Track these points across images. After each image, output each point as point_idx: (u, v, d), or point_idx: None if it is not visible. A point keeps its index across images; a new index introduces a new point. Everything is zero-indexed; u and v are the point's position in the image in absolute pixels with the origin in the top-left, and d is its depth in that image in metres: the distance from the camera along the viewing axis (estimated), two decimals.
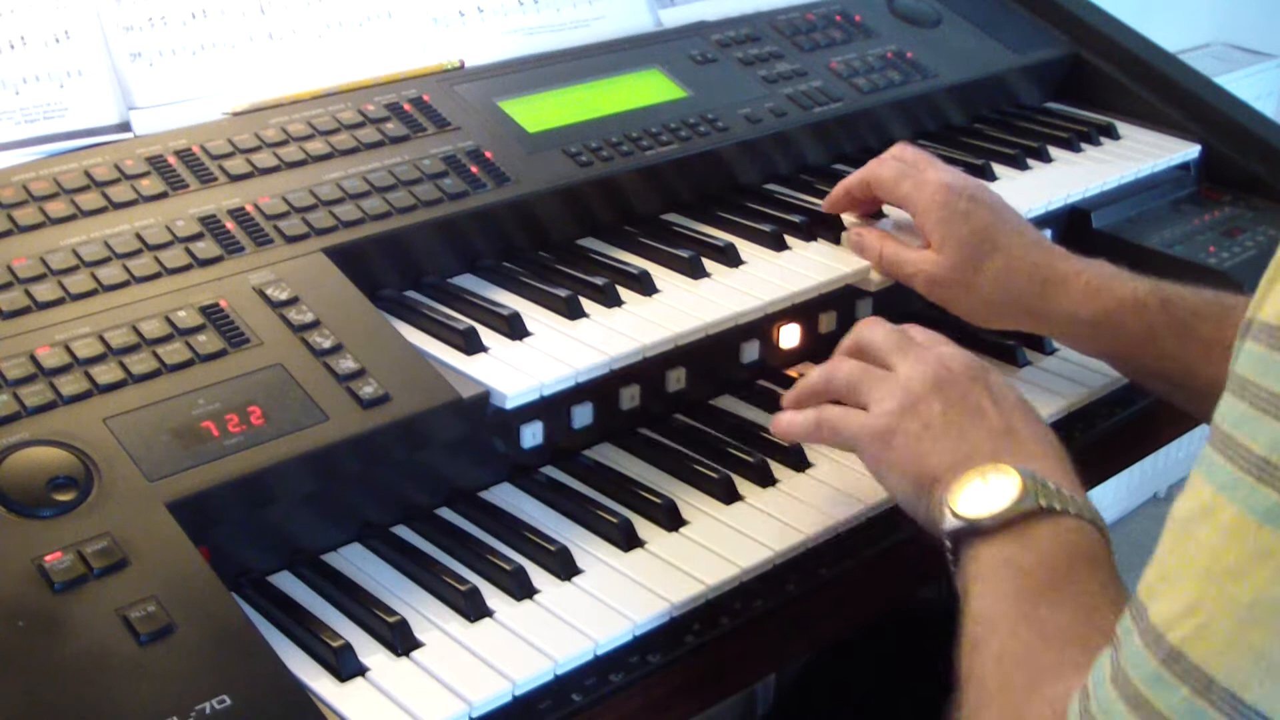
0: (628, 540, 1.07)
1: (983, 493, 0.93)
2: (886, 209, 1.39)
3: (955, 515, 0.93)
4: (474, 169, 1.30)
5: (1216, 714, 0.65)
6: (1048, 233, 1.53)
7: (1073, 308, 1.22)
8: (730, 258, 1.31)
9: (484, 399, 1.09)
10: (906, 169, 1.32)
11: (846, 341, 1.14)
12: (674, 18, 1.62)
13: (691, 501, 1.13)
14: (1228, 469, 0.66)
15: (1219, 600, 0.65)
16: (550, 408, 1.15)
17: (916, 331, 1.12)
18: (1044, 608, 0.86)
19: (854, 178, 1.36)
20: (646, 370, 1.21)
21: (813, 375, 1.13)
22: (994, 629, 0.87)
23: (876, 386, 1.06)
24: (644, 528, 1.09)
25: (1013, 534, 0.91)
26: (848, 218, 1.40)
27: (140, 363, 1.02)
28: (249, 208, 1.19)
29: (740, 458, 1.18)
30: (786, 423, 1.11)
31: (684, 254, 1.30)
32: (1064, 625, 0.85)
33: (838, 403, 1.10)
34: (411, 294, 1.24)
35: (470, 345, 1.15)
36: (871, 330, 1.12)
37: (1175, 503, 0.70)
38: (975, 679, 0.86)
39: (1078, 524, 0.91)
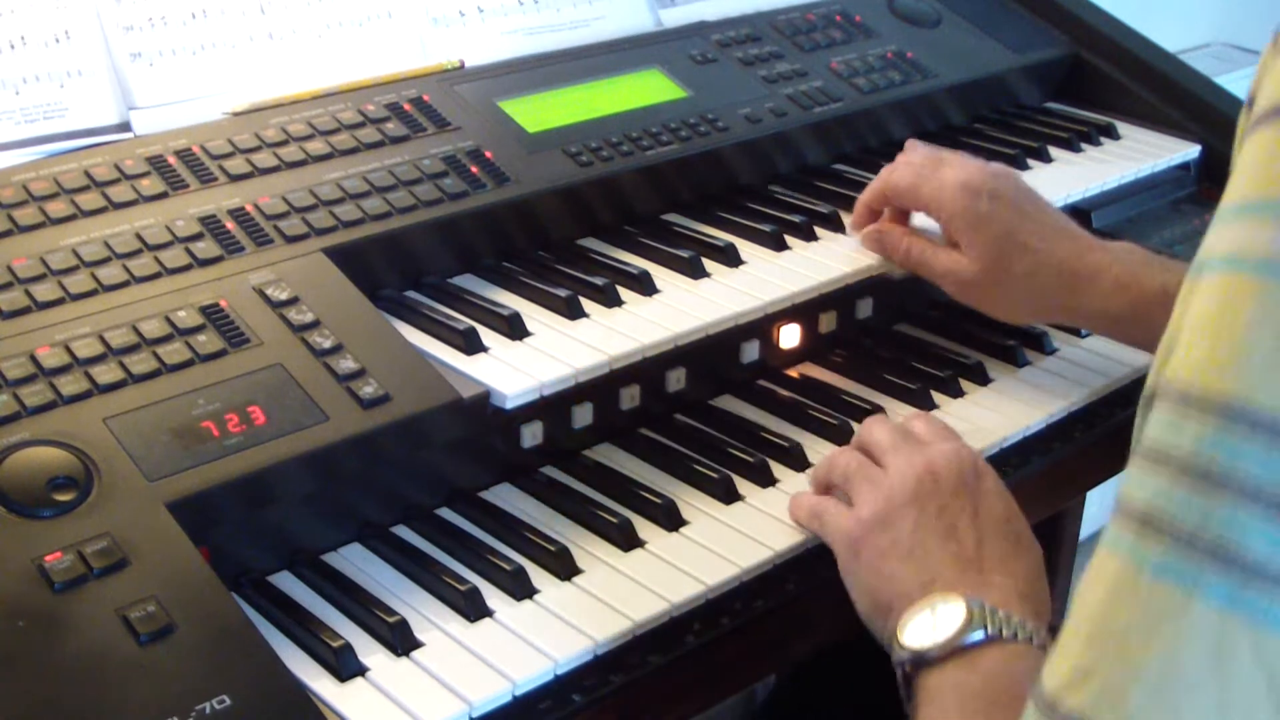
0: (628, 540, 1.07)
1: (929, 624, 0.94)
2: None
3: (902, 646, 0.94)
4: (474, 169, 1.30)
5: None
6: None
7: (1103, 304, 1.22)
8: (730, 258, 1.31)
9: (484, 399, 1.09)
10: (921, 172, 1.30)
11: (856, 435, 1.15)
12: (674, 18, 1.62)
13: (691, 501, 1.13)
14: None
15: (1114, 661, 0.62)
16: (550, 408, 1.15)
17: (920, 426, 1.12)
18: None
19: (870, 192, 1.35)
20: (646, 370, 1.21)
21: (822, 461, 1.13)
22: None
23: (863, 485, 1.05)
24: (644, 528, 1.09)
25: (960, 661, 0.91)
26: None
27: (140, 363, 1.02)
28: (249, 208, 1.19)
29: (740, 458, 1.18)
30: (794, 507, 1.11)
31: (684, 254, 1.30)
32: None
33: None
34: (411, 294, 1.24)
35: (470, 345, 1.15)
36: (873, 427, 1.12)
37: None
38: None
39: (1026, 649, 0.91)
